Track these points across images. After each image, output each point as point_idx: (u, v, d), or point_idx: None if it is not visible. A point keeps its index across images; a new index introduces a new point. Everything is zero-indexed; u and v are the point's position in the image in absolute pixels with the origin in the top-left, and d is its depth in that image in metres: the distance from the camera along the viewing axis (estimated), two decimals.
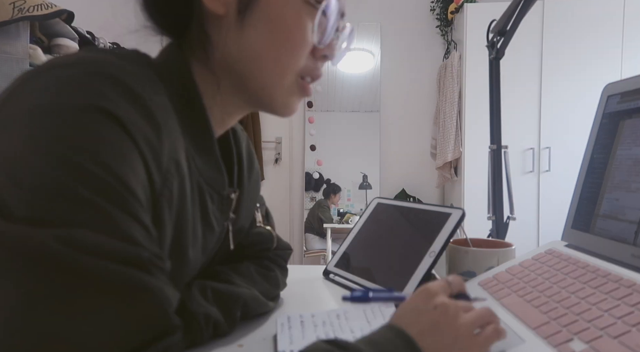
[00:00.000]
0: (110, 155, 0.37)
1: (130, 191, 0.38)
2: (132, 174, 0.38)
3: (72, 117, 0.37)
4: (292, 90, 0.53)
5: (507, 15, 1.10)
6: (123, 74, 0.41)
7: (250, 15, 0.48)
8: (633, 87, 0.60)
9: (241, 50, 0.49)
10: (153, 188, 0.41)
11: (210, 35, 0.50)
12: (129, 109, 0.39)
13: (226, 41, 0.49)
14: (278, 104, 0.53)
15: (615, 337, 0.41)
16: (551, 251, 0.65)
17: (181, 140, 0.46)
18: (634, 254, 0.52)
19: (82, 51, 0.45)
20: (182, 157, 0.46)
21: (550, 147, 2.96)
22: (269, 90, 0.52)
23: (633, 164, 0.56)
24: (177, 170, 0.44)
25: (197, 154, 0.50)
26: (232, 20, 0.49)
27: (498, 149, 1.19)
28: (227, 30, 0.49)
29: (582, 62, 2.92)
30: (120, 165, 0.37)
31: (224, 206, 0.56)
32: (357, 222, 0.93)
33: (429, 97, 3.56)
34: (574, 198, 0.66)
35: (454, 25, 3.35)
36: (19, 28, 1.44)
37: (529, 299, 0.55)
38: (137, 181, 0.38)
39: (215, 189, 0.53)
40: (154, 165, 0.41)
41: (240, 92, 0.53)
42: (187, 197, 0.47)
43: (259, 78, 0.51)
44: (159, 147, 0.41)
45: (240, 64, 0.50)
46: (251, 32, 0.48)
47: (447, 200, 3.53)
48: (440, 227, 0.74)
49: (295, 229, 3.65)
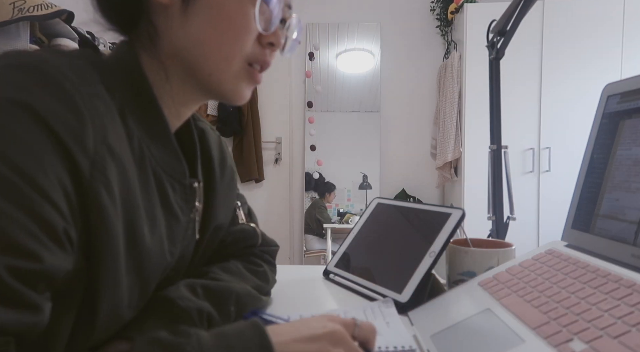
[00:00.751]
0: (17, 149, 0.37)
1: (35, 186, 0.37)
2: (40, 169, 0.37)
3: None
4: (240, 76, 0.54)
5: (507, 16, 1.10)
6: (47, 66, 0.41)
7: (193, 3, 0.50)
8: (633, 87, 0.60)
9: (187, 38, 0.51)
10: (80, 173, 0.40)
11: (157, 26, 0.51)
12: (47, 98, 0.39)
13: (172, 30, 0.51)
14: (227, 90, 0.55)
15: (615, 337, 0.41)
16: (551, 251, 0.65)
17: (120, 127, 0.47)
18: (634, 254, 0.52)
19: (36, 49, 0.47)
20: (117, 143, 0.45)
21: (550, 147, 2.96)
22: (216, 76, 0.53)
23: (633, 164, 0.56)
24: (111, 153, 0.44)
25: (151, 142, 0.51)
26: (176, 10, 0.50)
27: (498, 149, 1.19)
28: (172, 19, 0.51)
29: (582, 62, 2.92)
30: (23, 158, 0.37)
31: (187, 195, 0.57)
32: (357, 223, 0.93)
33: (429, 97, 3.57)
34: (574, 198, 0.66)
35: (454, 25, 3.35)
36: (19, 28, 1.44)
37: (529, 299, 0.55)
38: (45, 175, 0.38)
39: (174, 177, 0.54)
40: (76, 149, 0.40)
41: (189, 80, 0.54)
42: (132, 182, 0.47)
43: (206, 65, 0.52)
44: (82, 132, 0.41)
45: (187, 52, 0.51)
46: (195, 20, 0.50)
47: (447, 200, 3.53)
48: (440, 227, 0.74)
49: (295, 229, 3.65)
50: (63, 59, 0.44)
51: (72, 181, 0.40)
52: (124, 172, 0.46)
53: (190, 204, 0.58)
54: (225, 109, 3.37)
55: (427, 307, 0.66)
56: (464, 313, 0.59)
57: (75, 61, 0.45)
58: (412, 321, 0.64)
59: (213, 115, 3.39)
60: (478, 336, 0.53)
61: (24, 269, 0.36)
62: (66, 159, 0.39)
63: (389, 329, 0.60)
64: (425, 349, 0.54)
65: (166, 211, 0.54)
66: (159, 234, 0.52)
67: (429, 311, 0.65)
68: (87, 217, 0.42)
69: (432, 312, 0.64)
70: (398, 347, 0.55)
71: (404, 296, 0.69)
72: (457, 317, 0.59)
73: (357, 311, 0.66)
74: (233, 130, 3.40)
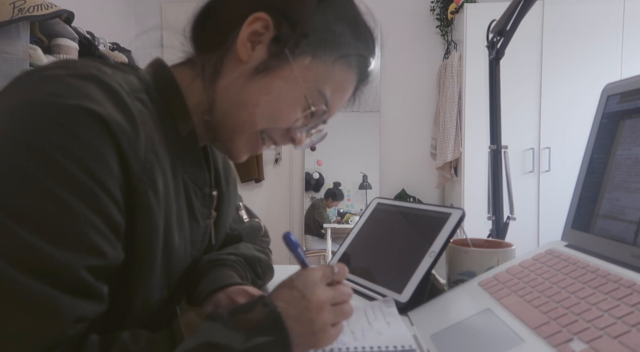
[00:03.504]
0: (87, 153, 0.41)
1: (102, 185, 0.42)
2: (106, 170, 0.42)
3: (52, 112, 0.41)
4: (250, 143, 0.59)
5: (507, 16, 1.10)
6: (106, 77, 0.45)
7: (262, 76, 0.54)
8: (633, 87, 0.60)
9: (239, 95, 0.55)
10: (131, 175, 0.45)
11: (224, 68, 0.56)
12: (109, 107, 0.43)
13: (233, 82, 0.55)
14: (234, 148, 0.59)
15: (615, 337, 0.41)
16: (551, 251, 0.65)
17: (161, 136, 0.52)
18: (633, 254, 0.52)
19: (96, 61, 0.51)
20: (161, 151, 0.50)
21: (550, 148, 2.97)
22: (236, 134, 0.57)
23: (633, 164, 0.56)
24: (157, 160, 0.49)
25: (182, 151, 0.56)
26: (247, 70, 0.54)
27: (498, 149, 1.19)
28: (239, 74, 0.55)
29: (582, 62, 2.92)
30: (93, 161, 0.41)
31: (206, 202, 0.63)
32: (357, 223, 0.93)
33: (428, 97, 3.56)
34: (573, 198, 0.66)
35: (454, 25, 3.35)
36: (19, 28, 1.44)
37: (529, 299, 0.55)
38: (110, 175, 0.43)
39: (198, 185, 0.60)
40: (131, 154, 0.45)
41: (212, 124, 0.58)
42: (169, 187, 0.52)
43: (236, 122, 0.56)
44: (136, 140, 0.45)
45: (230, 105, 0.56)
46: (254, 87, 0.55)
47: (447, 200, 3.53)
48: (440, 228, 0.74)
49: (295, 229, 3.65)
50: (119, 73, 0.49)
51: (126, 179, 0.45)
52: (165, 177, 0.51)
53: (207, 210, 0.64)
54: None
55: (427, 307, 0.66)
56: (464, 313, 0.59)
57: (128, 77, 0.50)
58: (412, 321, 0.64)
59: None
60: (478, 336, 0.53)
61: (96, 266, 0.42)
62: (121, 162, 0.44)
63: (390, 328, 0.60)
64: (425, 349, 0.54)
65: (190, 216, 0.59)
66: (185, 237, 0.58)
67: (429, 311, 0.65)
68: (133, 214, 0.46)
69: (432, 312, 0.64)
70: (398, 347, 0.55)
71: (404, 296, 0.69)
72: (457, 317, 0.59)
73: (357, 311, 0.66)
74: None
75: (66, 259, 0.39)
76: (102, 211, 0.42)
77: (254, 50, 0.54)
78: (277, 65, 0.54)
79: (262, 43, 0.54)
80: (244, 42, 0.54)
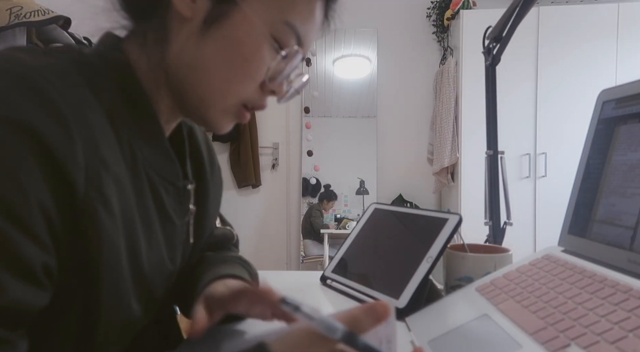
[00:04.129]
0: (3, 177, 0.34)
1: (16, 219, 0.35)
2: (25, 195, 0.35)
3: None
4: (229, 112, 0.53)
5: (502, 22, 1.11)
6: (28, 71, 0.38)
7: (215, 29, 0.47)
8: (628, 93, 0.60)
9: (195, 58, 0.48)
10: (72, 192, 0.38)
11: (170, 31, 0.49)
12: (30, 110, 0.36)
13: (183, 44, 0.48)
14: (210, 119, 0.53)
15: (612, 343, 0.41)
16: (548, 256, 0.65)
17: (110, 132, 0.44)
18: (630, 259, 0.53)
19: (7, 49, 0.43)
20: (109, 151, 0.43)
21: (546, 153, 2.97)
22: (207, 104, 0.51)
23: (629, 169, 0.56)
24: (105, 167, 0.42)
25: (143, 144, 0.49)
26: (195, 27, 0.48)
27: (494, 155, 1.19)
28: (187, 34, 0.48)
29: (578, 68, 2.94)
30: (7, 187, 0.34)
31: (181, 197, 0.56)
32: (355, 228, 0.93)
33: (425, 102, 3.58)
34: (570, 203, 0.67)
35: (450, 31, 3.37)
36: (15, 34, 1.44)
37: (526, 304, 0.55)
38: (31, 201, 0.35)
39: (168, 180, 0.53)
40: (69, 168, 0.38)
41: (177, 96, 0.52)
42: (127, 193, 0.45)
43: (202, 90, 0.50)
44: (71, 148, 0.38)
45: (189, 71, 0.49)
46: (210, 45, 0.48)
47: (444, 205, 3.53)
48: (438, 233, 0.74)
49: (292, 234, 3.64)
50: (44, 60, 0.41)
51: (62, 202, 0.38)
52: (120, 184, 0.44)
53: (184, 206, 0.57)
54: None
55: (425, 313, 0.66)
56: (462, 318, 0.59)
57: (57, 62, 0.42)
58: (409, 326, 0.64)
59: None
60: (475, 342, 0.53)
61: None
62: (55, 178, 0.37)
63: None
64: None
65: (162, 217, 0.52)
66: (157, 242, 0.51)
67: (426, 316, 0.65)
68: (84, 236, 0.40)
69: (430, 318, 0.64)
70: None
71: (402, 301, 0.69)
72: (454, 323, 0.58)
73: None
74: (230, 135, 3.40)
75: None
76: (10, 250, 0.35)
77: (194, 1, 0.47)
78: (228, 10, 0.47)
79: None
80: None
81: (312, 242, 3.55)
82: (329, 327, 0.39)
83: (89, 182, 0.39)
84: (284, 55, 0.50)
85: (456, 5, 3.13)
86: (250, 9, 0.47)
